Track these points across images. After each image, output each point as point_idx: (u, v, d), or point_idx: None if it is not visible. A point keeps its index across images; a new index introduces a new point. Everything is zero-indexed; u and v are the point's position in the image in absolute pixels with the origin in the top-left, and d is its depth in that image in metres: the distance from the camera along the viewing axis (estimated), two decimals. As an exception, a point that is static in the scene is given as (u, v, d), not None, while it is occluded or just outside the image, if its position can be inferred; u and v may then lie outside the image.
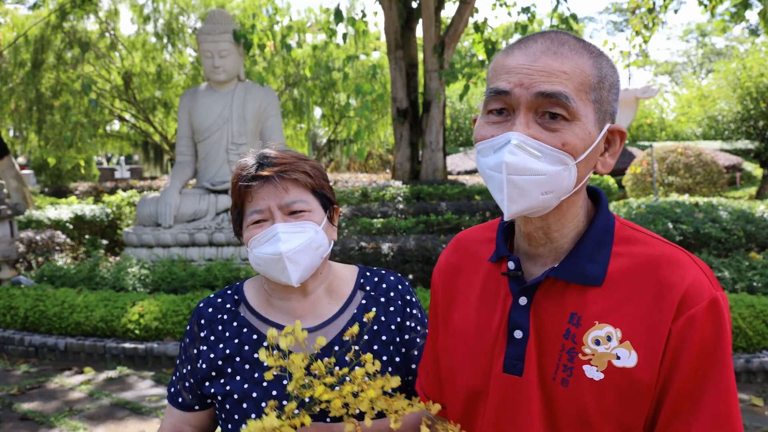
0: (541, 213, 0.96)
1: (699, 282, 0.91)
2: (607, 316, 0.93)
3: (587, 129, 0.92)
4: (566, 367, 0.95)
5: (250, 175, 1.30)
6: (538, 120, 0.91)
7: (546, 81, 0.90)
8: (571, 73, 0.91)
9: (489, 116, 0.96)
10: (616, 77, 0.97)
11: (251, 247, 1.30)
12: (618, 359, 0.91)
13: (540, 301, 0.99)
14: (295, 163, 1.32)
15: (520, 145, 0.90)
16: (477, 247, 1.15)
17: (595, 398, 0.92)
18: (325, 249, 1.33)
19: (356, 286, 1.42)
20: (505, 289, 1.04)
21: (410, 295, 1.44)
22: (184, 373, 1.39)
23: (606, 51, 4.09)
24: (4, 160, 11.53)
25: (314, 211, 1.32)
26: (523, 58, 0.93)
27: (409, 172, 9.15)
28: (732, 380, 0.90)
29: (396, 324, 1.38)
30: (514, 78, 0.92)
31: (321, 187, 1.35)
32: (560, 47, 0.92)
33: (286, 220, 1.28)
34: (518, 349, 0.99)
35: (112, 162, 35.24)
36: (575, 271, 0.96)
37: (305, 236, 1.28)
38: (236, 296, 1.42)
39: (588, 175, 0.97)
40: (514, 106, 0.92)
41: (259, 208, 1.29)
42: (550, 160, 0.90)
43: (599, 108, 0.94)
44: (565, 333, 0.95)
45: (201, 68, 13.61)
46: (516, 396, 0.99)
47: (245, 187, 1.31)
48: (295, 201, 1.30)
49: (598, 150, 0.96)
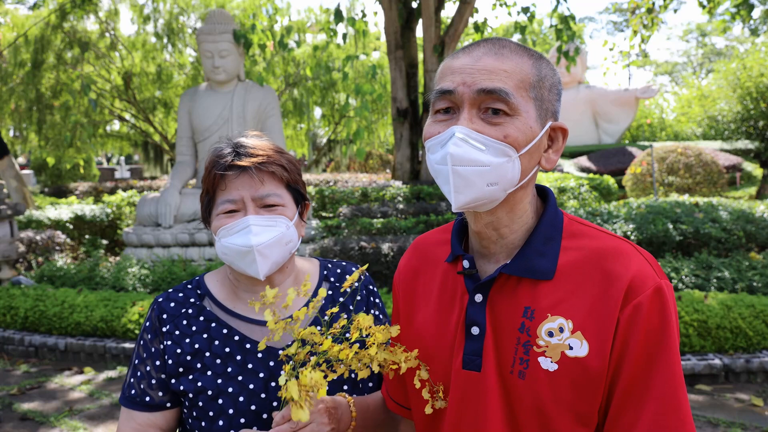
0: (488, 206, 1.00)
1: (643, 271, 0.95)
2: (559, 308, 0.97)
3: (528, 124, 0.97)
4: (522, 359, 0.98)
5: (227, 163, 1.28)
6: (481, 115, 0.96)
7: (487, 78, 0.95)
8: (511, 72, 0.96)
9: (436, 116, 1.01)
10: (556, 79, 1.03)
11: (220, 236, 1.28)
12: (570, 349, 0.95)
13: (495, 297, 1.03)
14: (273, 155, 1.31)
15: (464, 138, 0.95)
16: (434, 249, 1.19)
17: (550, 388, 0.95)
18: (294, 244, 1.33)
19: (320, 278, 1.43)
20: (462, 287, 1.07)
21: (372, 285, 1.46)
22: (147, 371, 1.32)
23: (607, 52, 4.07)
24: (4, 160, 11.53)
25: (287, 206, 1.31)
26: (466, 60, 0.99)
27: (409, 172, 9.14)
28: (678, 364, 0.93)
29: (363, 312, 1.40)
30: (458, 78, 0.97)
31: (296, 182, 1.34)
32: (501, 49, 0.99)
33: (258, 213, 1.27)
34: (476, 345, 1.02)
35: (112, 162, 35.24)
36: (526, 267, 1.00)
37: (277, 231, 1.27)
38: (198, 290, 1.38)
39: (533, 170, 1.01)
40: (459, 104, 0.98)
41: (232, 198, 1.28)
42: (493, 152, 0.95)
43: (540, 105, 0.99)
44: (520, 327, 0.99)
45: (201, 68, 13.62)
46: (476, 391, 1.02)
47: (220, 176, 1.29)
48: (269, 194, 1.28)
49: (541, 146, 1.01)
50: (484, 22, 9.40)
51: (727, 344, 4.46)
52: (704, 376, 4.33)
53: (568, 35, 8.82)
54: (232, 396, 1.25)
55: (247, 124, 7.44)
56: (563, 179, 9.39)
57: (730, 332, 4.44)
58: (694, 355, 4.45)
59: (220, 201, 1.30)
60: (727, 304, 4.55)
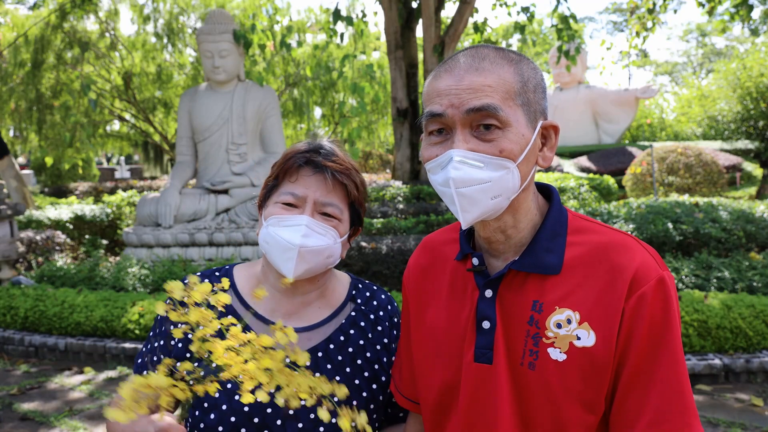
0: (495, 216, 1.04)
1: (646, 263, 0.99)
2: (566, 301, 1.01)
3: (520, 132, 1.00)
4: (532, 351, 1.01)
5: (307, 157, 1.28)
6: (474, 133, 1.00)
7: (474, 97, 0.98)
8: (495, 85, 0.99)
9: (431, 137, 1.05)
10: (539, 77, 1.05)
11: (268, 224, 1.27)
12: (578, 340, 0.98)
13: (504, 293, 1.06)
14: (351, 170, 1.31)
15: (462, 159, 0.98)
16: (443, 248, 1.22)
17: (559, 378, 0.99)
18: (334, 260, 1.32)
19: (348, 296, 1.41)
20: (472, 284, 1.11)
21: (397, 317, 1.43)
22: (155, 346, 1.33)
23: (605, 52, 4.07)
24: (4, 160, 11.53)
25: (343, 222, 1.30)
26: (450, 80, 1.01)
27: (409, 172, 9.15)
28: (680, 352, 0.97)
29: (383, 344, 1.38)
30: (445, 100, 1.00)
31: (360, 204, 1.34)
32: (481, 62, 1.01)
33: (314, 217, 1.27)
34: (487, 339, 1.05)
35: (112, 162, 35.25)
36: (534, 262, 1.04)
37: (324, 240, 1.26)
38: None
39: (532, 172, 1.04)
40: (450, 125, 1.01)
41: (297, 192, 1.27)
42: (492, 167, 0.98)
43: (528, 109, 1.01)
44: (529, 320, 1.02)
45: (201, 68, 13.61)
46: (487, 383, 1.05)
47: (296, 165, 1.28)
48: (332, 204, 1.28)
49: (536, 147, 1.04)
50: (484, 22, 9.41)
51: (727, 344, 4.46)
52: (704, 376, 4.33)
53: (569, 35, 8.82)
54: (228, 392, 1.25)
55: (247, 124, 7.44)
56: (563, 179, 9.39)
57: (730, 332, 4.44)
58: (694, 355, 4.45)
59: (284, 190, 1.29)
60: (727, 304, 4.55)
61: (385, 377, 1.35)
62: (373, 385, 1.33)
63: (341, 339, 1.34)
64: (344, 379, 1.30)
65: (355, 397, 1.30)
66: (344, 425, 0.96)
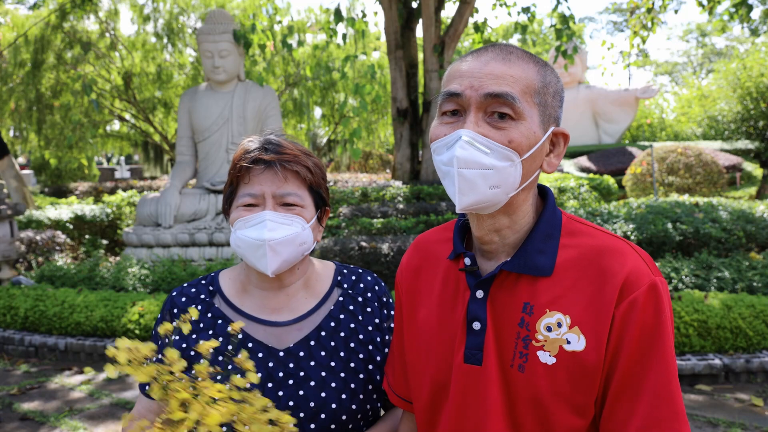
0: (490, 209, 1.03)
1: (638, 269, 0.98)
2: (557, 304, 1.00)
3: (532, 129, 0.99)
4: (522, 353, 1.01)
5: (254, 157, 1.30)
6: (487, 119, 0.99)
7: (494, 83, 0.98)
8: (518, 77, 0.99)
9: (443, 117, 1.04)
10: (559, 86, 1.06)
11: (236, 228, 1.30)
12: (568, 344, 0.98)
13: (495, 294, 1.06)
14: (300, 156, 1.33)
15: (470, 141, 0.97)
16: (436, 248, 1.22)
17: (548, 381, 0.98)
18: (308, 246, 1.34)
19: (333, 282, 1.43)
20: (463, 284, 1.10)
21: (386, 296, 1.46)
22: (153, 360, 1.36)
23: (605, 51, 4.04)
24: (4, 160, 11.53)
25: (306, 208, 1.32)
26: (474, 63, 1.01)
27: (409, 172, 9.14)
28: (672, 359, 0.96)
29: (374, 325, 1.40)
30: (466, 81, 1.00)
31: (318, 186, 1.36)
32: (509, 55, 1.01)
33: (276, 210, 1.29)
34: (477, 340, 1.05)
35: (112, 162, 35.25)
36: (526, 264, 1.03)
37: (291, 229, 1.28)
38: (211, 287, 1.41)
39: (535, 174, 1.04)
40: (465, 106, 1.00)
41: (253, 192, 1.30)
42: (497, 155, 0.97)
43: (543, 111, 1.01)
44: (520, 322, 1.02)
45: (201, 68, 13.61)
46: (477, 384, 1.04)
47: (245, 168, 1.31)
48: (290, 193, 1.30)
49: (543, 150, 1.04)
50: (484, 22, 9.40)
51: (727, 344, 4.46)
52: (704, 376, 4.33)
53: (568, 35, 8.81)
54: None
55: (247, 124, 7.45)
56: (563, 179, 9.39)
57: (730, 332, 4.44)
58: (694, 355, 4.45)
59: (241, 194, 1.32)
60: (727, 304, 4.55)
61: (380, 357, 1.37)
62: (369, 365, 1.35)
63: (332, 325, 1.36)
64: (339, 363, 1.32)
65: (352, 379, 1.32)
66: None
